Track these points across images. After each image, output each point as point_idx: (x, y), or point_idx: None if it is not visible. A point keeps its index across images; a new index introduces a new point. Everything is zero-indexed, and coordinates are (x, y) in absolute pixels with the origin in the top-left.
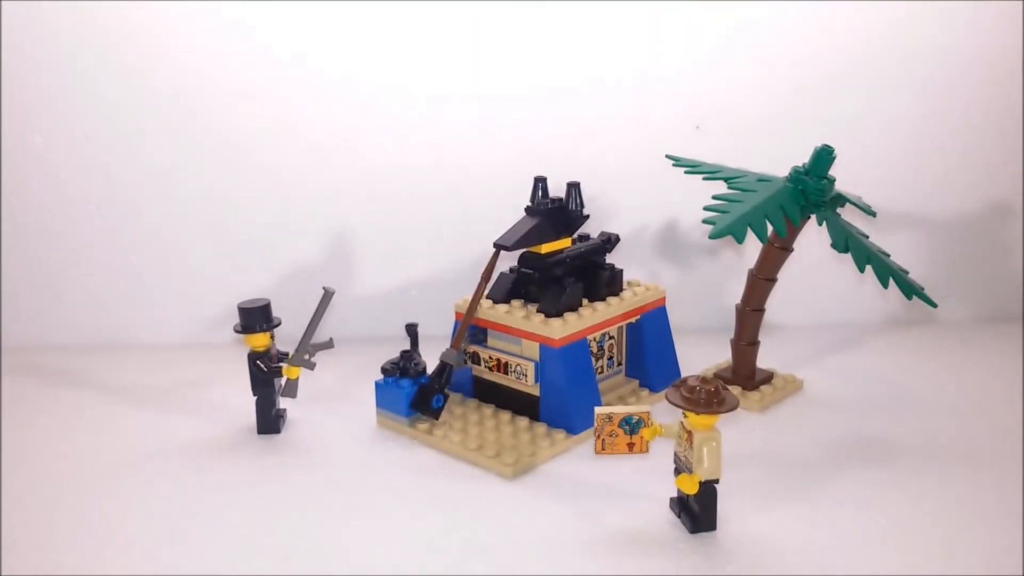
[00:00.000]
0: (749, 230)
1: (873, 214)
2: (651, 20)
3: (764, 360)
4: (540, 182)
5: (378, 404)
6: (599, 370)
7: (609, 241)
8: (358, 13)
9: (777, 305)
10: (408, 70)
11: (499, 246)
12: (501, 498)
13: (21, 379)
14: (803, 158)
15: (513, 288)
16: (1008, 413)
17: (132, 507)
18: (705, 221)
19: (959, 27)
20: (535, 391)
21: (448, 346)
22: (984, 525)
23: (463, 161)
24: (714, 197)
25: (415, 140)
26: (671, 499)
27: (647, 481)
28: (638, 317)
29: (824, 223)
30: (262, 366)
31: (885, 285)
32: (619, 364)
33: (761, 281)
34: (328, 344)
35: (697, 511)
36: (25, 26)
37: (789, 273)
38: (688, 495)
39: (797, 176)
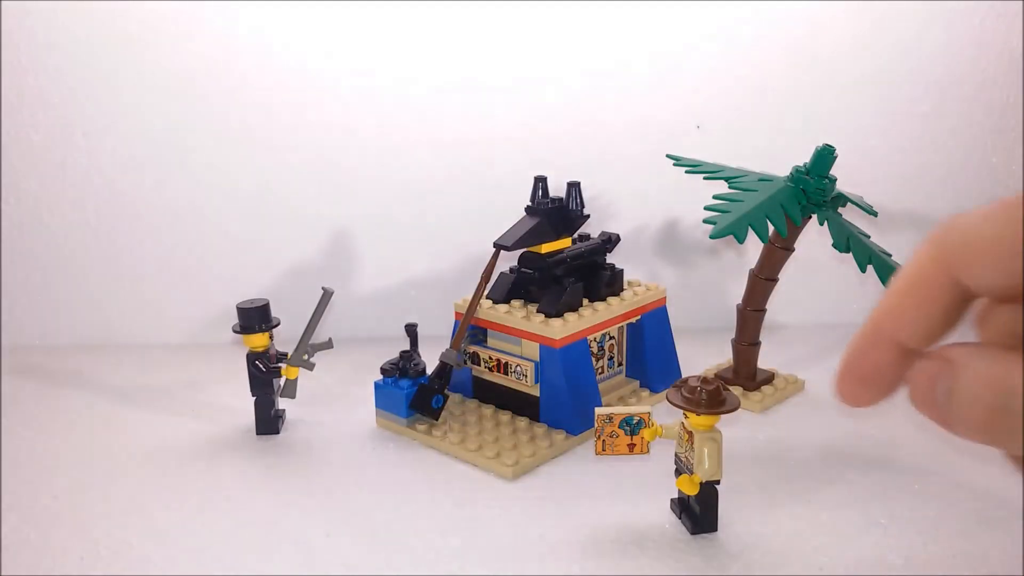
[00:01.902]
0: (750, 230)
1: (874, 214)
2: (653, 20)
3: (765, 360)
4: (540, 182)
5: (377, 405)
6: (599, 370)
7: (610, 241)
8: (358, 14)
9: (778, 305)
10: (409, 71)
11: (499, 246)
12: (501, 499)
13: (21, 379)
14: (804, 158)
15: (513, 288)
16: None
17: (130, 508)
18: (706, 221)
19: (962, 27)
20: (535, 391)
21: (448, 346)
22: (986, 526)
23: (463, 161)
24: (715, 197)
25: (415, 140)
26: (672, 500)
27: (647, 482)
28: (639, 317)
29: (826, 223)
30: (261, 366)
31: (886, 285)
32: (619, 364)
33: (762, 281)
34: (327, 344)
35: (698, 512)
36: (23, 26)
37: (790, 273)
38: (689, 496)
39: (798, 176)
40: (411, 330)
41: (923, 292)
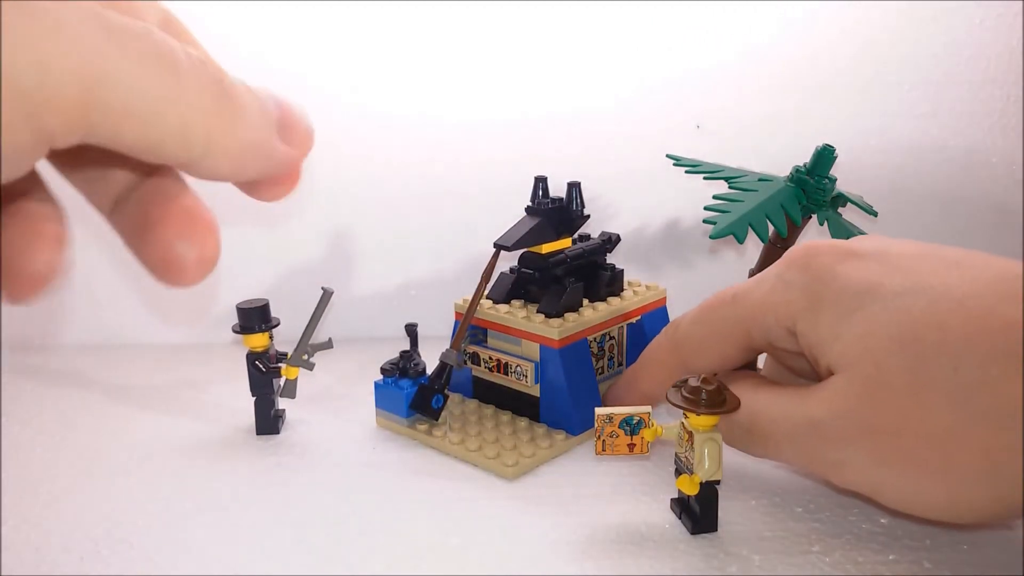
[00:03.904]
0: (750, 230)
1: (874, 214)
2: (652, 20)
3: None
4: (540, 182)
5: (377, 405)
6: (600, 371)
7: (610, 241)
8: (359, 14)
9: None
10: (408, 70)
11: (499, 246)
12: (501, 499)
13: (21, 379)
14: (804, 157)
15: (513, 288)
16: None
17: (130, 507)
18: (706, 221)
19: (959, 26)
20: (535, 392)
21: (448, 346)
22: (988, 526)
23: (463, 161)
24: (715, 197)
25: (415, 140)
26: (672, 500)
27: (648, 482)
28: (639, 317)
29: (825, 223)
30: (261, 366)
31: None
32: (620, 364)
33: None
34: (327, 344)
35: (698, 512)
36: None
37: None
38: (689, 496)
39: (798, 176)
40: (411, 330)
41: (658, 367)
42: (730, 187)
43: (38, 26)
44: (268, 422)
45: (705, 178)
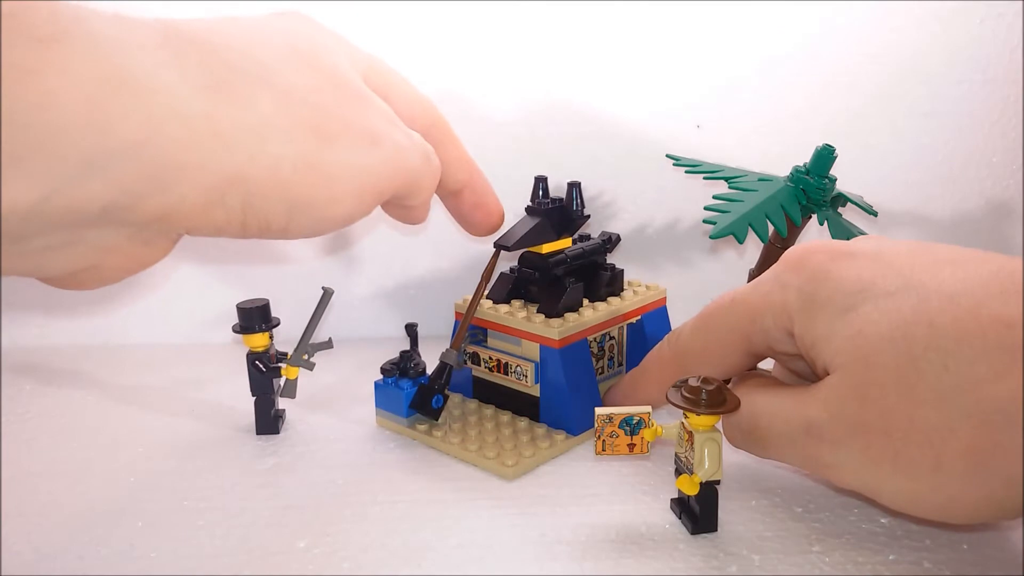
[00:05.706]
0: (750, 230)
1: (874, 214)
2: (653, 19)
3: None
4: (540, 182)
5: (377, 404)
6: (600, 371)
7: (610, 241)
8: (358, 10)
9: None
10: (407, 67)
11: (499, 246)
12: (501, 499)
13: (21, 379)
14: (804, 157)
15: (513, 288)
16: None
17: (130, 507)
18: (706, 221)
19: (960, 26)
20: (535, 392)
21: (448, 346)
22: (988, 526)
23: None
24: (715, 197)
25: None
26: (672, 500)
27: (648, 482)
28: (639, 317)
29: (825, 223)
30: (261, 366)
31: None
32: (620, 365)
33: None
34: (327, 344)
35: (698, 512)
36: None
37: None
38: (689, 496)
39: (798, 175)
40: (411, 330)
41: (659, 380)
42: (730, 187)
43: (402, 149)
44: (268, 422)
45: (705, 178)
